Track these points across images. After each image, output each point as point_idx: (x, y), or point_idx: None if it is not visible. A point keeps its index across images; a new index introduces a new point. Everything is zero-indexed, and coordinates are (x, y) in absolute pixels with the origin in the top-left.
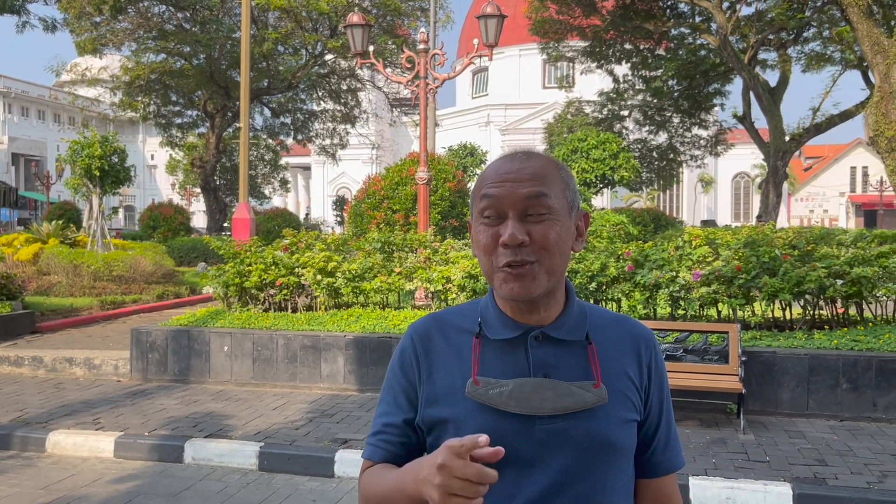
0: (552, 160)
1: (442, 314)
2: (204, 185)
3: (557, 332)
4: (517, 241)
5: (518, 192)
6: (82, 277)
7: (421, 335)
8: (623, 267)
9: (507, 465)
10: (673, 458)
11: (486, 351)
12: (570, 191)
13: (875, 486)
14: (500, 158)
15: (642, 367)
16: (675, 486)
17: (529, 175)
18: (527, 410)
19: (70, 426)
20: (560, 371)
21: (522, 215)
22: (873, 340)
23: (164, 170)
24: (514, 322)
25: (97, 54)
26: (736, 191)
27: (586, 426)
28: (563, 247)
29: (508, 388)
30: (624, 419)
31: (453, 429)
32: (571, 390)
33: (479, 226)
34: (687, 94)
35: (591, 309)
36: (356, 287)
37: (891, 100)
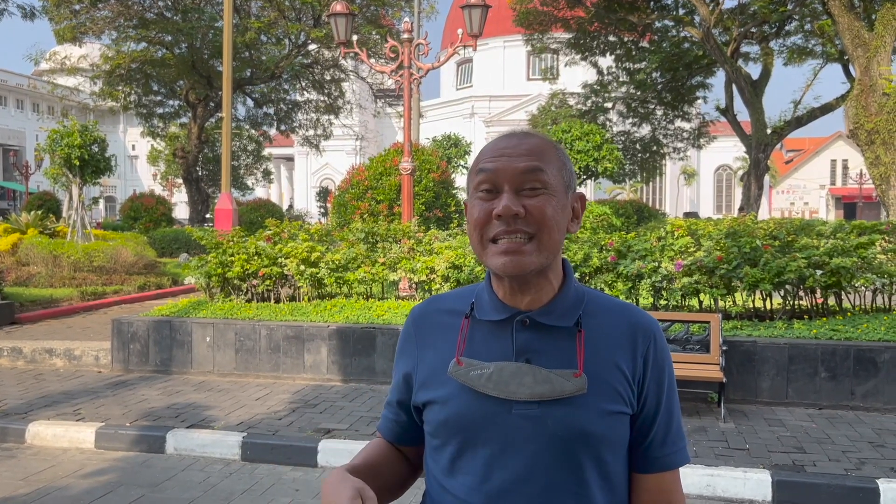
0: (550, 140)
1: (442, 296)
2: (186, 175)
3: (545, 317)
4: (511, 212)
5: (514, 165)
6: (62, 268)
7: (416, 317)
8: (606, 257)
9: (483, 446)
10: (673, 455)
11: (475, 332)
12: (566, 170)
13: (852, 473)
14: (499, 137)
15: (637, 359)
16: (676, 484)
17: (526, 150)
18: (504, 394)
19: (50, 417)
20: (543, 357)
21: (518, 189)
22: (852, 330)
23: (145, 160)
24: (503, 304)
25: (77, 42)
26: (718, 183)
27: (562, 415)
28: (558, 223)
29: (489, 370)
30: (608, 411)
31: (438, 409)
32: (550, 377)
33: (473, 200)
34: (670, 86)
35: (591, 295)
36: (339, 277)
37: (871, 93)
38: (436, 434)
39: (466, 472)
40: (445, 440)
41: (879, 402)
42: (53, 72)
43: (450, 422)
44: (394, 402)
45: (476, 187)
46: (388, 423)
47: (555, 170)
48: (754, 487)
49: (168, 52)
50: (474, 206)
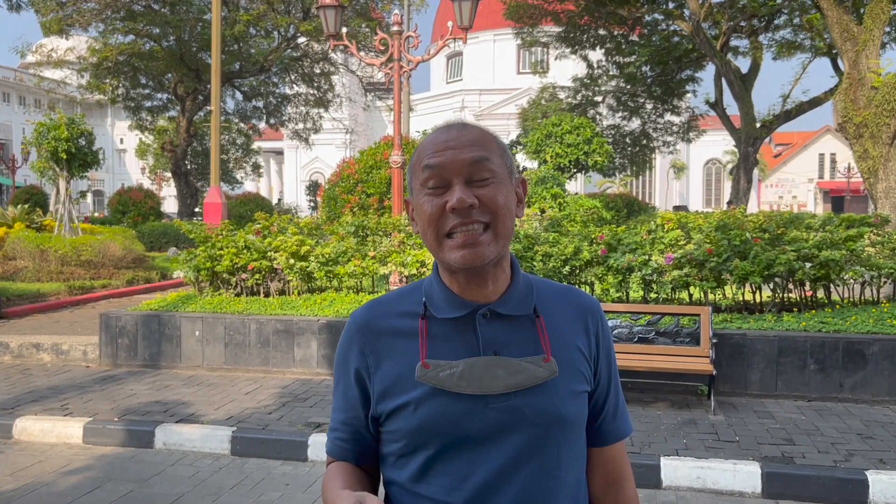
0: (487, 130)
1: (383, 299)
2: (175, 169)
3: (505, 307)
4: (466, 204)
5: (461, 157)
6: (49, 262)
7: (362, 326)
8: (596, 251)
9: (461, 446)
10: (622, 426)
11: (434, 331)
12: (507, 157)
13: (841, 465)
14: (436, 131)
15: (590, 337)
16: (624, 453)
17: (470, 141)
18: (479, 390)
19: (37, 412)
20: (510, 347)
21: (468, 181)
22: (840, 322)
23: (133, 154)
24: (460, 300)
25: (63, 35)
26: (707, 177)
27: (538, 401)
28: (510, 210)
29: (459, 368)
30: (575, 391)
31: (410, 413)
32: (522, 366)
33: (422, 198)
34: (660, 80)
35: (536, 281)
36: (329, 271)
37: (859, 86)
38: (406, 442)
39: (444, 474)
40: (418, 446)
41: (868, 393)
42: (40, 64)
43: (424, 427)
44: (348, 421)
45: (423, 184)
46: (344, 444)
47: (498, 157)
48: (744, 479)
49: (156, 45)
50: (423, 203)
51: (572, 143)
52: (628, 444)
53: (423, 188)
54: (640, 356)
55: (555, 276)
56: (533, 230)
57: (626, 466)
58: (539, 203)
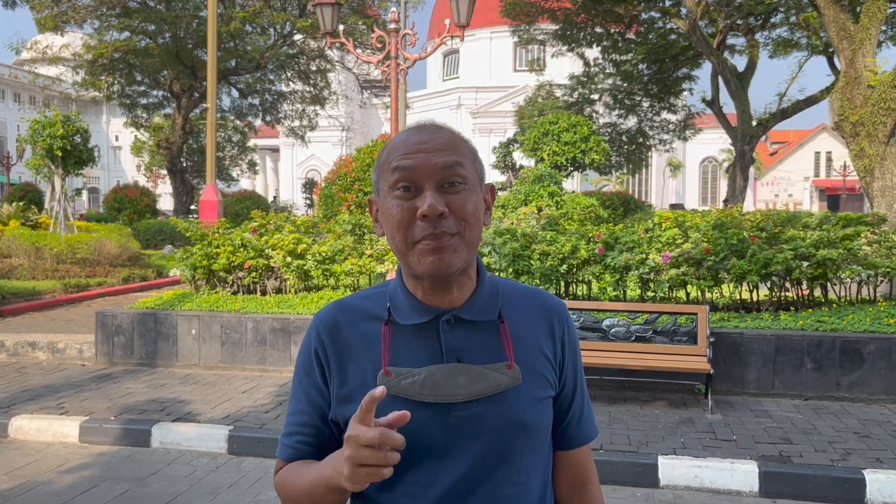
0: (459, 133)
1: (349, 300)
2: (170, 166)
3: (469, 313)
4: (437, 212)
5: (433, 161)
6: (45, 260)
7: (327, 326)
8: (594, 249)
9: (423, 455)
10: (587, 429)
11: (397, 338)
12: (478, 162)
13: (838, 464)
14: (407, 130)
15: (556, 341)
16: (590, 456)
17: (442, 145)
18: (441, 398)
19: (33, 411)
20: (474, 354)
21: (439, 185)
22: (837, 321)
23: (129, 151)
24: (424, 306)
25: (58, 31)
26: (704, 175)
27: (500, 409)
28: (478, 218)
29: (421, 376)
30: (538, 398)
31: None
32: (485, 374)
33: (390, 201)
34: (656, 78)
35: (502, 284)
36: (326, 269)
37: (856, 85)
38: None
39: (406, 483)
40: None
41: (865, 392)
42: (35, 61)
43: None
44: (312, 423)
45: (392, 186)
46: (306, 448)
47: (470, 163)
48: (741, 478)
49: (151, 42)
50: (393, 207)
51: (569, 140)
52: (626, 442)
53: (391, 190)
54: (638, 355)
55: (552, 275)
56: (530, 229)
57: (591, 469)
58: (536, 201)
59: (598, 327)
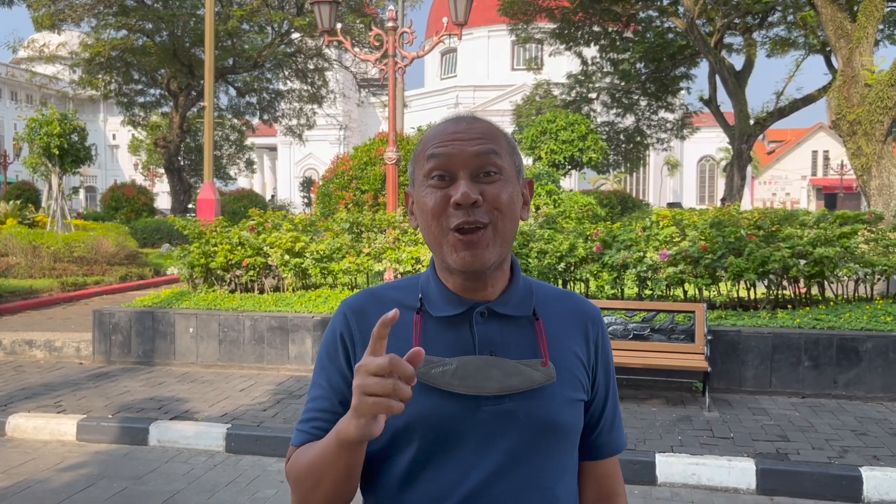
0: (497, 125)
1: (378, 289)
2: (168, 165)
3: (504, 307)
4: (471, 200)
5: (469, 149)
6: (42, 258)
7: (356, 312)
8: (591, 248)
9: (451, 448)
10: (617, 440)
11: (428, 328)
12: (516, 155)
13: (835, 461)
14: (444, 121)
15: (589, 345)
16: (618, 468)
17: (479, 134)
18: (472, 390)
19: (31, 409)
20: (507, 349)
21: (474, 175)
22: (834, 319)
23: (126, 150)
24: (457, 297)
25: (55, 30)
26: (701, 174)
27: (533, 406)
28: (514, 210)
29: (452, 366)
30: (571, 399)
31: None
32: (519, 369)
33: (424, 190)
34: (654, 77)
35: (536, 285)
36: (324, 268)
37: (853, 84)
38: (390, 440)
39: (432, 479)
40: (402, 446)
41: (862, 390)
42: (32, 60)
43: (412, 424)
44: (333, 409)
45: (427, 175)
46: (320, 434)
47: (506, 154)
48: (738, 476)
49: (149, 40)
50: (426, 195)
51: (567, 139)
52: None
53: (426, 179)
54: (635, 353)
55: (550, 273)
56: (528, 227)
57: (619, 482)
58: (534, 200)
59: None
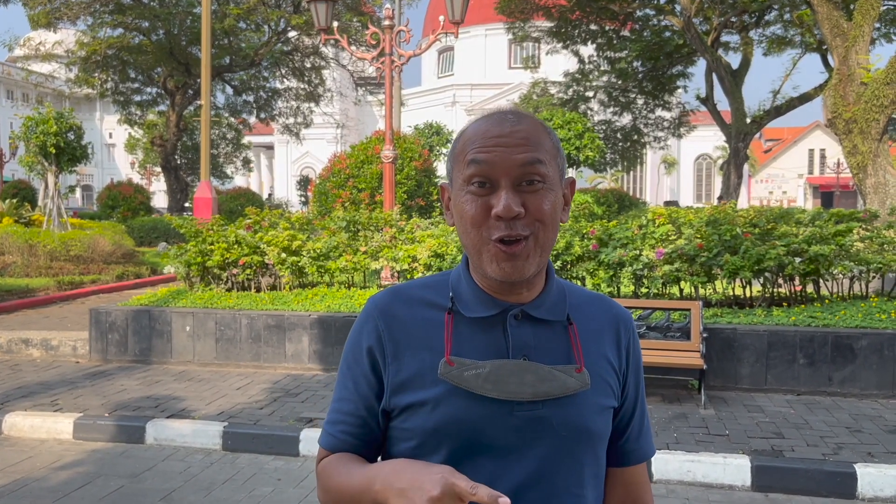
0: (542, 123)
1: (405, 287)
2: (164, 164)
3: (538, 310)
4: (513, 213)
5: (512, 157)
6: (38, 257)
7: (383, 311)
8: (587, 246)
9: (481, 453)
10: (646, 446)
11: (460, 329)
12: (560, 157)
13: (830, 458)
14: (486, 119)
15: (621, 350)
16: (646, 475)
17: (523, 139)
18: (505, 395)
19: (27, 408)
20: (540, 353)
21: (516, 183)
22: (829, 317)
23: (122, 148)
24: (492, 299)
25: (51, 28)
26: (698, 172)
27: (566, 413)
28: (555, 219)
29: (485, 369)
30: (603, 406)
31: (428, 411)
32: (553, 374)
33: (464, 195)
34: (651, 75)
35: (568, 287)
36: (321, 266)
37: (849, 82)
38: (420, 442)
39: None
40: (431, 449)
41: (856, 387)
42: (28, 58)
43: (442, 428)
44: (357, 413)
45: (467, 180)
46: (351, 438)
47: (551, 159)
48: (734, 473)
49: (145, 39)
50: (467, 202)
51: (564, 137)
52: None
53: (465, 184)
54: None
55: None
56: None
57: (647, 490)
58: None
59: None
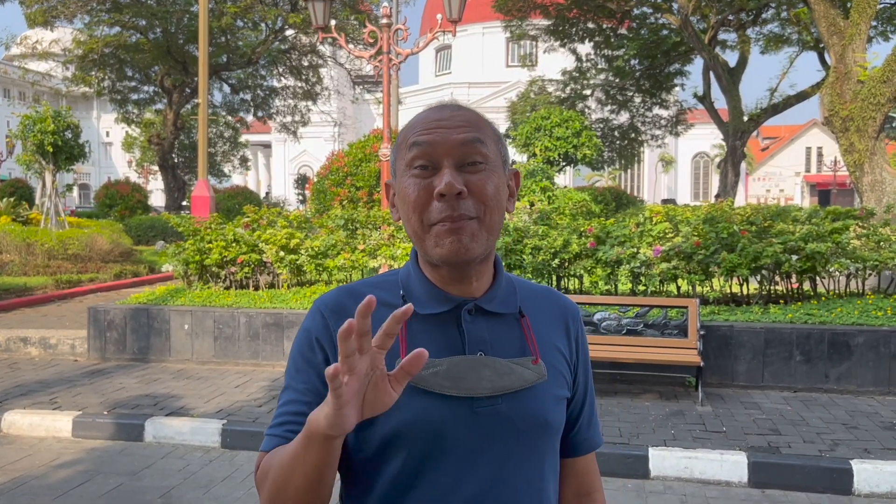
0: (481, 114)
1: (355, 286)
2: (162, 162)
3: (490, 304)
4: (455, 190)
5: (453, 137)
6: (36, 256)
7: (333, 310)
8: (585, 243)
9: (443, 452)
10: (596, 436)
11: (413, 327)
12: (501, 144)
13: (826, 455)
14: (428, 109)
15: (571, 341)
16: (595, 464)
17: (463, 121)
18: (464, 392)
19: (26, 406)
20: (496, 347)
21: (459, 164)
22: (826, 314)
23: (119, 147)
24: (444, 294)
25: (48, 26)
26: (696, 170)
27: (525, 406)
28: (500, 201)
29: (443, 367)
30: (559, 396)
31: (383, 418)
32: (511, 368)
33: (406, 179)
34: (648, 73)
35: (517, 281)
36: (319, 264)
37: (846, 80)
38: (378, 448)
39: (424, 487)
40: (394, 453)
41: (853, 384)
42: (24, 56)
43: (402, 431)
44: (307, 413)
45: (409, 164)
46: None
47: (493, 143)
48: (731, 469)
49: (142, 37)
50: (408, 186)
51: (561, 136)
52: (617, 434)
53: (408, 169)
54: (629, 348)
55: (544, 269)
56: (522, 223)
57: (597, 478)
58: (528, 196)
59: (589, 321)
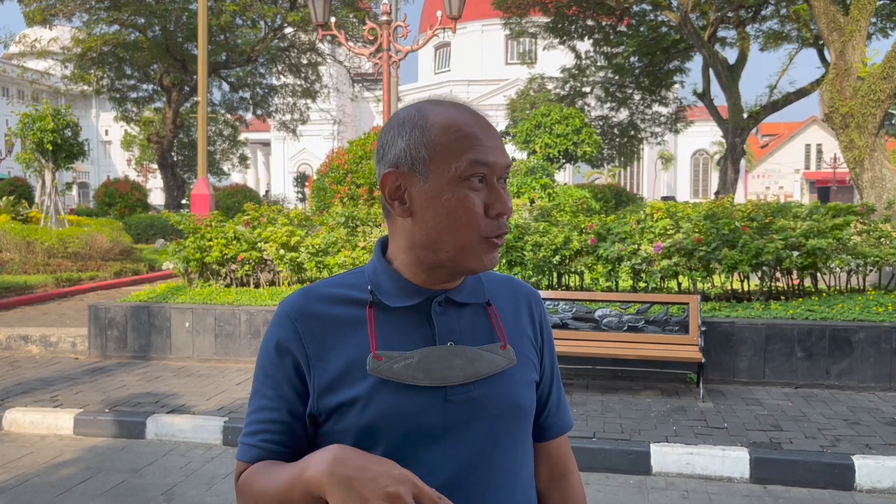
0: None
1: (318, 286)
2: (161, 161)
3: (460, 295)
4: (512, 212)
5: (506, 161)
6: (36, 254)
7: (301, 312)
8: (586, 240)
9: (419, 443)
10: (565, 418)
11: (383, 321)
12: None
13: (828, 450)
14: (470, 113)
15: (536, 326)
16: (568, 446)
17: (500, 140)
18: (436, 382)
19: (27, 404)
20: (466, 337)
21: (499, 180)
22: (827, 310)
23: (119, 145)
24: (415, 287)
25: (47, 25)
26: (695, 167)
27: (498, 391)
28: None
29: (414, 359)
30: (529, 380)
31: (360, 409)
32: (481, 354)
33: (462, 190)
34: (648, 70)
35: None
36: (320, 262)
37: (846, 77)
38: (353, 443)
39: None
40: (369, 447)
41: (854, 380)
42: (23, 55)
43: (377, 423)
44: (282, 420)
45: (465, 175)
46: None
47: None
48: (732, 465)
49: (141, 35)
50: (469, 198)
51: (561, 133)
52: (619, 431)
53: (463, 180)
54: (630, 345)
55: (545, 266)
56: (523, 220)
57: (571, 459)
58: (529, 193)
59: (590, 318)
